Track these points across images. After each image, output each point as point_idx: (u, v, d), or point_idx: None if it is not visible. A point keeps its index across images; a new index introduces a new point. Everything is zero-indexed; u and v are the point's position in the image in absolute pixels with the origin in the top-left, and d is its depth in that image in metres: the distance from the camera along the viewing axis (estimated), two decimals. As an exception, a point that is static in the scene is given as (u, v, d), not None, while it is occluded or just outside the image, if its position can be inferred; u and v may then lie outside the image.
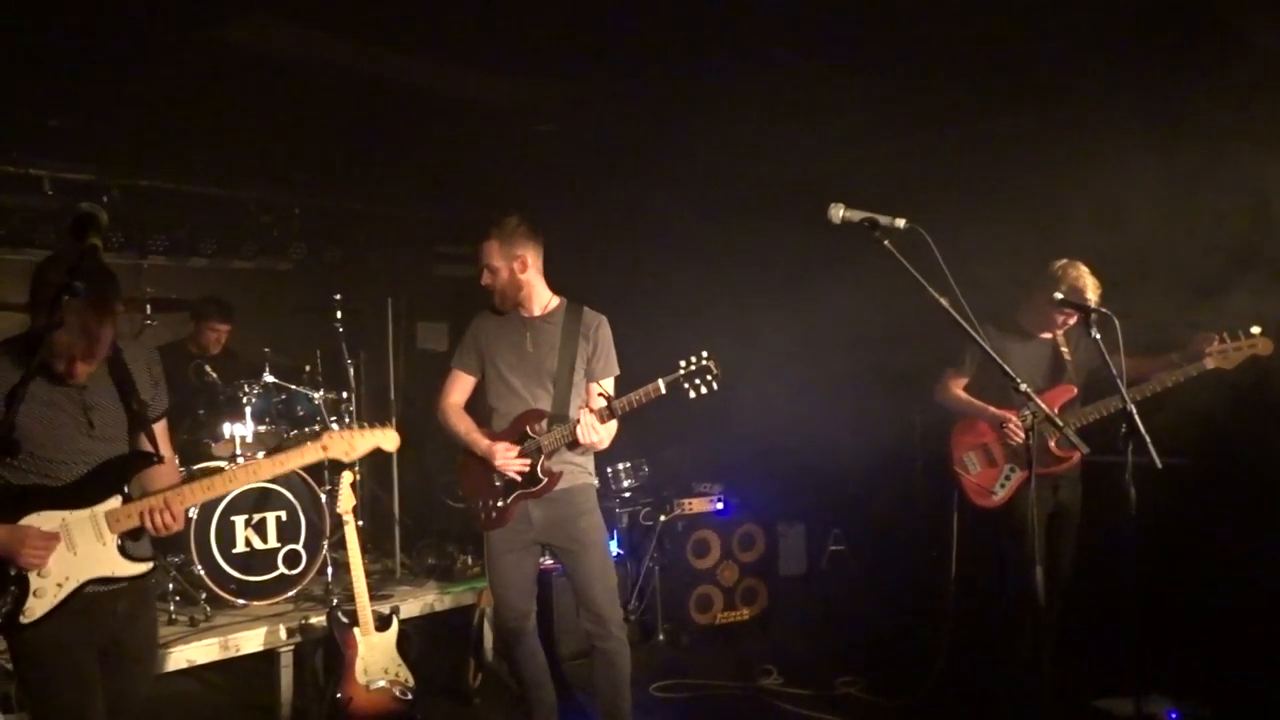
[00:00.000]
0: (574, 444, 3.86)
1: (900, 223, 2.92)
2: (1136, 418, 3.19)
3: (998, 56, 4.81)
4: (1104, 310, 3.57)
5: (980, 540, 4.70)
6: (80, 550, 2.82)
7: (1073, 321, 4.30)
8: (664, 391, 3.75)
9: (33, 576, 2.76)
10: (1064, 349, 4.39)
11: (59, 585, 2.79)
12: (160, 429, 3.10)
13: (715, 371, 3.74)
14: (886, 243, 2.92)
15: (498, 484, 3.98)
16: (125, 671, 3.01)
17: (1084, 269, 4.16)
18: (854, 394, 5.91)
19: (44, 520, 2.78)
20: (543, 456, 3.91)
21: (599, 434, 3.79)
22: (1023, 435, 4.27)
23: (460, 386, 4.15)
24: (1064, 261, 4.21)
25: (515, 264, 3.97)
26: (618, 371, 4.06)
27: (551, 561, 5.02)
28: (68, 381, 2.79)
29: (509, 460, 3.91)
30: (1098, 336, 3.41)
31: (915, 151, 5.96)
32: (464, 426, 4.08)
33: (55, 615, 2.78)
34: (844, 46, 4.75)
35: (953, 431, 4.55)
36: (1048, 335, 4.40)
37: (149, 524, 2.89)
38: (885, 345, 5.61)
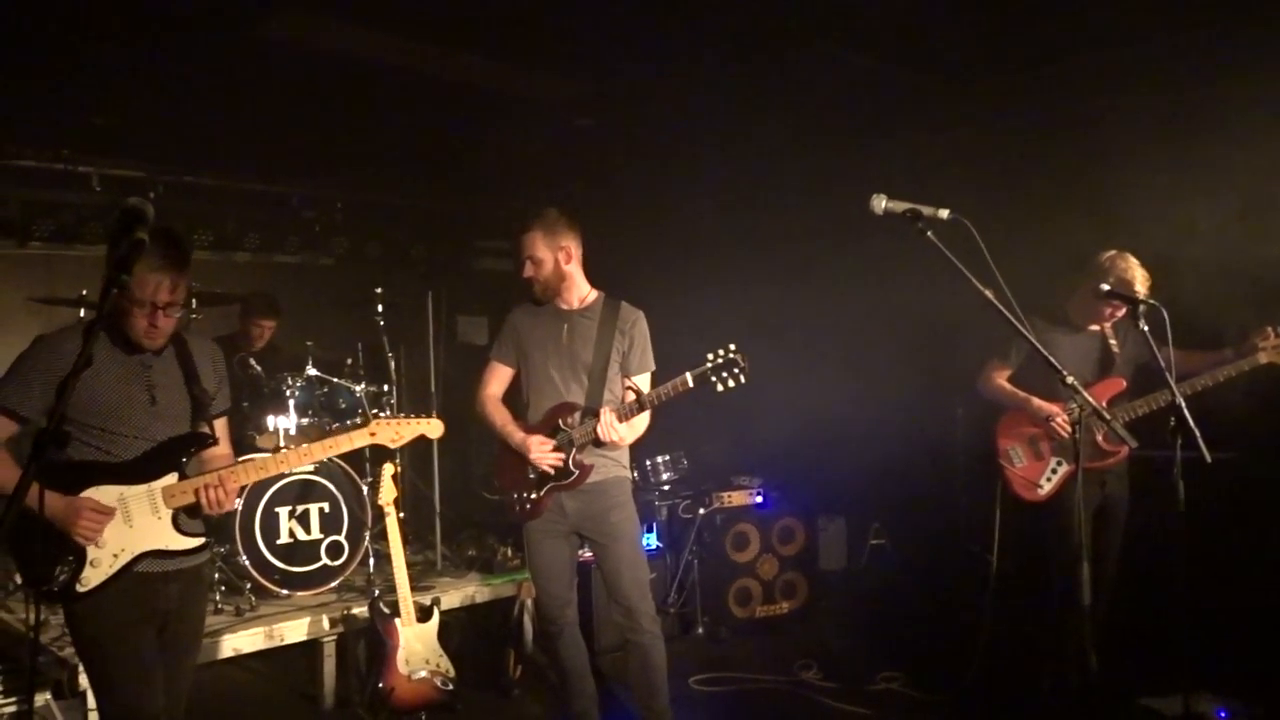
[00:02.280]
0: (598, 441, 3.86)
1: (944, 213, 2.89)
2: (1186, 411, 3.13)
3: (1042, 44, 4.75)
4: (1153, 302, 3.51)
5: (1023, 535, 4.65)
6: (136, 523, 2.93)
7: (1121, 314, 4.23)
8: (691, 385, 3.73)
9: (90, 547, 2.85)
10: (1112, 341, 4.33)
11: (115, 556, 2.89)
12: (221, 425, 3.22)
13: (743, 364, 3.70)
14: (930, 234, 2.89)
15: (531, 476, 3.99)
16: (169, 660, 3.05)
17: (1132, 260, 4.09)
18: (896, 386, 5.86)
19: (102, 494, 2.88)
20: (574, 449, 3.92)
21: (618, 433, 3.80)
22: (1070, 429, 4.22)
23: (498, 378, 4.16)
24: (1112, 253, 4.14)
25: (560, 254, 3.96)
26: (654, 367, 4.04)
27: (589, 554, 5.02)
28: (139, 351, 2.94)
29: (543, 453, 3.91)
30: (1146, 329, 3.36)
31: (958, 143, 5.90)
32: (500, 418, 4.08)
33: (110, 589, 2.87)
34: (886, 37, 4.70)
35: (998, 424, 4.49)
36: (1095, 328, 4.33)
37: (203, 500, 2.97)
38: (929, 337, 5.56)
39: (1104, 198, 4.98)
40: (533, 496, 4.00)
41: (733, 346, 3.73)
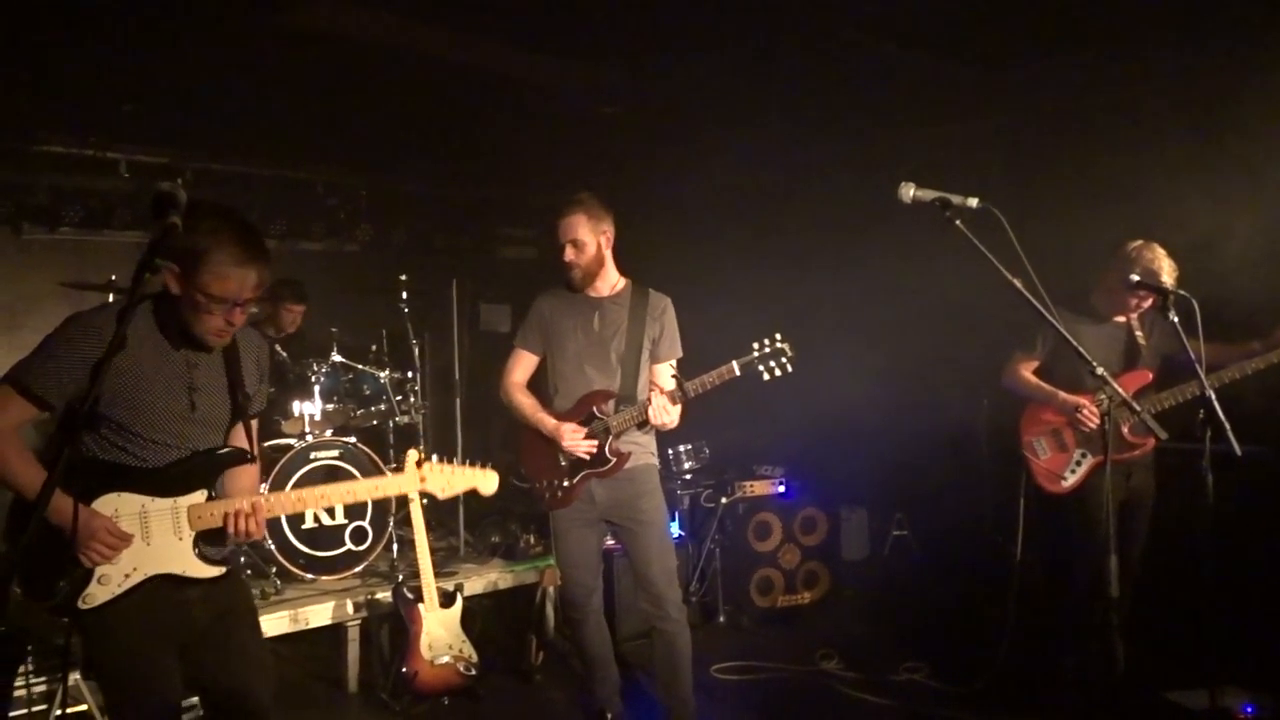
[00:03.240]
0: (643, 424, 3.90)
1: (973, 202, 2.87)
2: (1215, 403, 3.10)
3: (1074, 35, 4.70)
4: (1183, 293, 3.47)
5: (1048, 527, 4.62)
6: (155, 542, 2.67)
7: (1147, 305, 4.20)
8: (738, 373, 3.77)
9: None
10: (1138, 333, 4.29)
11: (126, 575, 2.64)
12: (253, 427, 2.95)
13: (790, 354, 3.77)
14: (958, 223, 2.87)
15: (563, 463, 3.99)
16: (233, 649, 2.84)
17: (1159, 250, 4.05)
18: (920, 376, 5.84)
19: (124, 503, 2.64)
20: (610, 437, 3.92)
21: (670, 415, 3.81)
22: (1097, 421, 4.19)
23: (523, 365, 4.15)
24: (1139, 243, 4.10)
25: (602, 239, 3.97)
26: (681, 354, 4.07)
27: (614, 541, 5.02)
28: (187, 346, 2.71)
29: (577, 441, 3.91)
30: (1176, 320, 3.33)
31: (985, 131, 5.86)
32: (529, 406, 4.07)
33: (119, 607, 2.62)
34: (914, 25, 4.67)
35: (1022, 415, 4.46)
36: (1121, 319, 4.30)
37: (231, 527, 2.72)
38: (954, 327, 5.53)
39: (1132, 187, 4.93)
40: (564, 484, 4.00)
41: (778, 336, 3.78)
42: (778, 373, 3.77)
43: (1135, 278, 3.87)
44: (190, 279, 2.56)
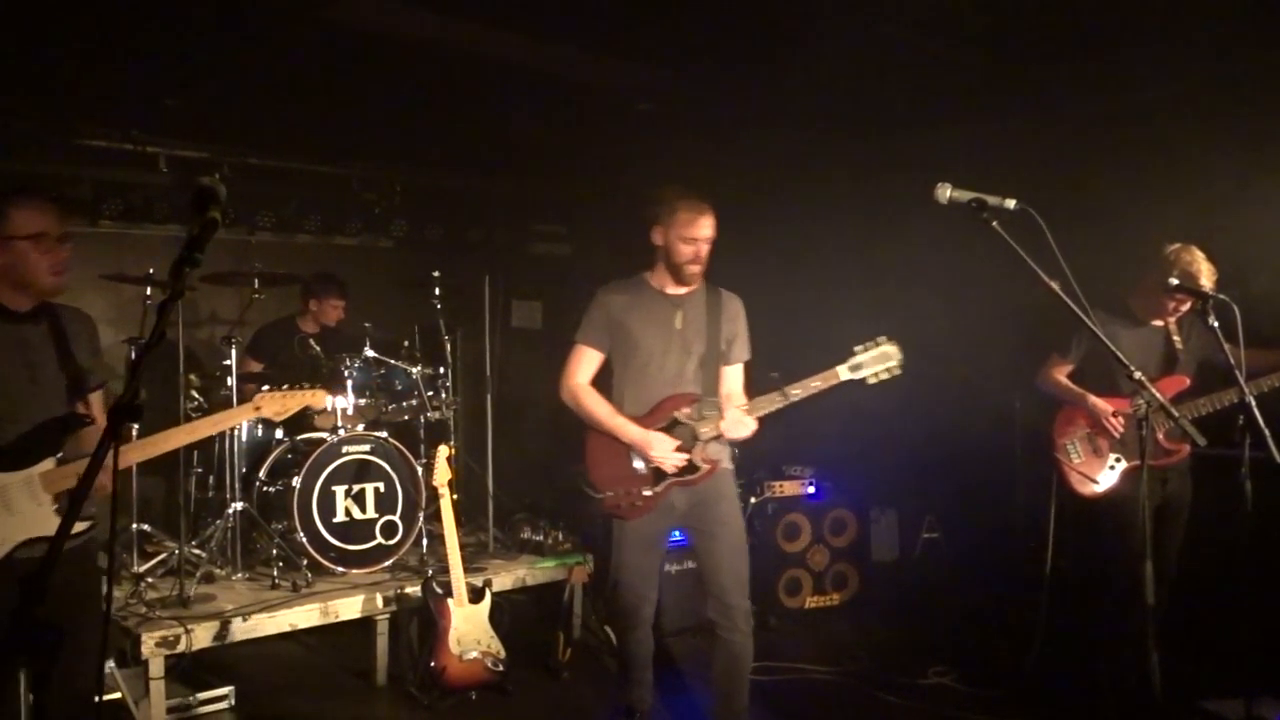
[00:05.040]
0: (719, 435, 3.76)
1: (1010, 204, 2.85)
2: (1255, 410, 3.06)
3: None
4: (1223, 297, 3.42)
5: (1081, 531, 4.58)
6: (16, 510, 2.83)
7: (1185, 308, 4.14)
8: (841, 379, 3.66)
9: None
10: (1175, 337, 4.23)
11: None
12: (96, 399, 3.11)
13: (897, 358, 3.68)
14: (995, 224, 2.85)
15: (641, 471, 3.77)
16: (65, 653, 2.90)
17: (1198, 253, 3.99)
18: (952, 377, 5.79)
19: None
20: (699, 444, 3.73)
21: (748, 427, 3.69)
22: (1122, 430, 4.15)
23: (589, 364, 3.89)
24: (1177, 245, 4.04)
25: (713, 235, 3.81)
26: (749, 357, 3.96)
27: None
28: (18, 320, 2.87)
29: (669, 454, 3.71)
30: (1215, 324, 3.28)
31: (1022, 131, 5.80)
32: (604, 410, 3.80)
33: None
34: (959, 24, 4.64)
35: (1056, 417, 4.42)
36: (1159, 323, 4.24)
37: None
38: (986, 327, 5.49)
39: (1173, 189, 4.87)
40: (644, 493, 3.76)
41: (883, 338, 3.68)
42: (884, 376, 3.67)
43: (1174, 281, 3.82)
44: (5, 236, 2.81)
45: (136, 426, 3.32)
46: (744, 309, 3.95)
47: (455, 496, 5.08)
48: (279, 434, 5.75)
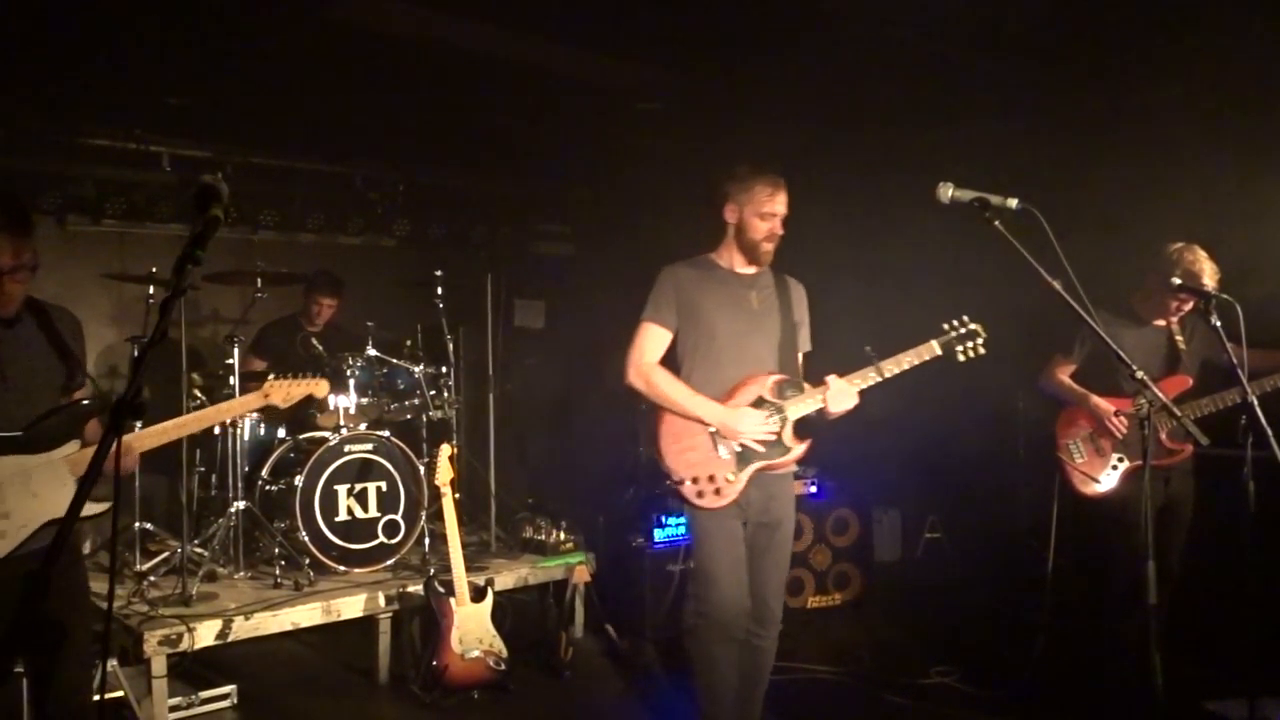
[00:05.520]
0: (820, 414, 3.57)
1: (1012, 203, 2.84)
2: (1258, 409, 3.05)
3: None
4: (1226, 297, 3.42)
5: (1084, 531, 4.57)
6: (40, 494, 2.89)
7: (1188, 308, 4.13)
8: (939, 353, 3.54)
9: None
10: (1178, 337, 4.23)
11: (22, 527, 2.85)
12: (82, 395, 3.15)
13: (983, 335, 3.59)
14: (997, 224, 2.84)
15: (725, 456, 3.54)
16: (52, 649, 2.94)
17: (1201, 253, 3.99)
18: (954, 377, 5.77)
19: (3, 466, 2.84)
20: (788, 425, 3.56)
21: (854, 399, 3.52)
22: (1125, 430, 4.14)
23: (659, 343, 3.65)
24: (1180, 245, 4.04)
25: None
26: (810, 348, 3.88)
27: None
28: None
29: (756, 427, 3.50)
30: (1219, 324, 3.28)
31: (1028, 132, 5.80)
32: (682, 390, 3.56)
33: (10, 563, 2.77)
34: (953, 23, 4.63)
35: (1058, 417, 4.42)
36: (1161, 322, 4.24)
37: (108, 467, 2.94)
38: (990, 327, 5.47)
39: (1176, 188, 4.87)
40: (729, 478, 3.52)
41: (966, 317, 3.60)
42: (972, 354, 3.57)
43: (1176, 280, 3.82)
44: None
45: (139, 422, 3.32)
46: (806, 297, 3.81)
47: (457, 495, 5.08)
48: (281, 433, 5.76)
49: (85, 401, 3.06)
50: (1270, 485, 3.12)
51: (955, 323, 3.58)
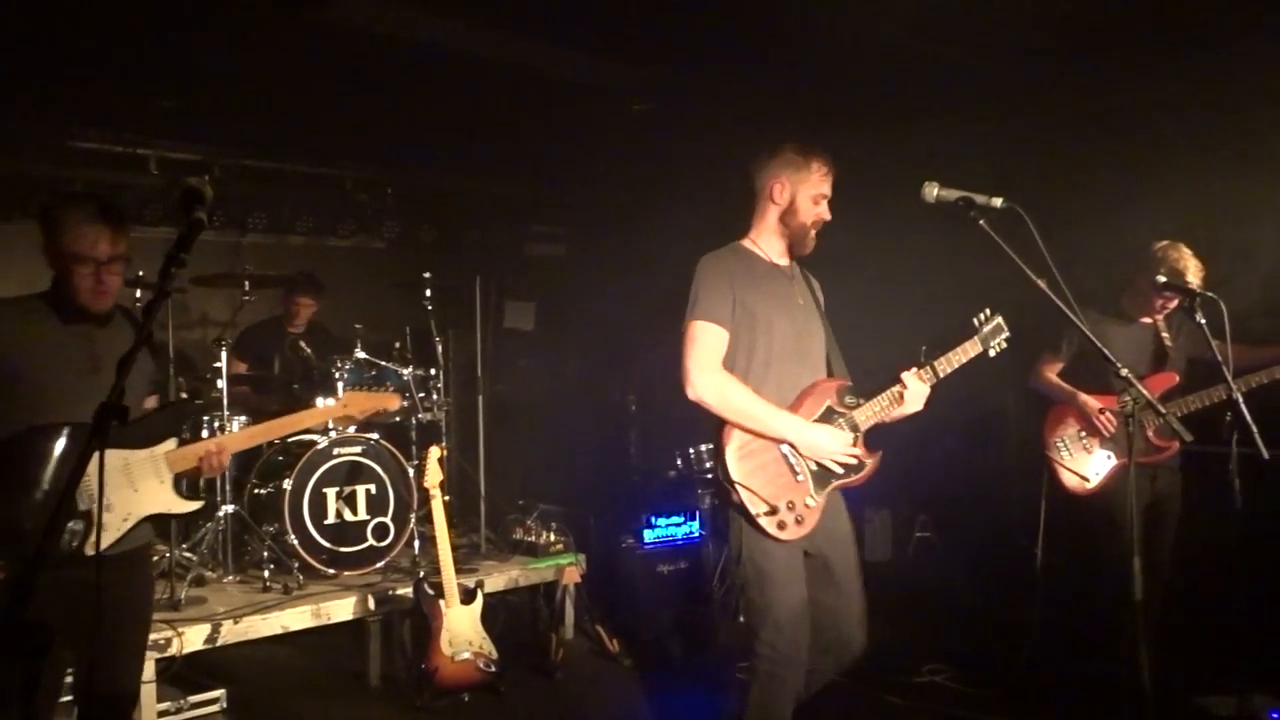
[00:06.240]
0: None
1: (997, 202, 2.86)
2: (1243, 406, 3.07)
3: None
4: (1210, 295, 3.44)
5: (1074, 529, 4.58)
6: (140, 487, 2.97)
7: (1173, 306, 4.15)
8: (980, 349, 3.28)
9: (97, 510, 2.74)
10: (1165, 335, 4.25)
11: (124, 520, 2.93)
12: (151, 403, 3.23)
13: (1006, 331, 3.37)
14: (982, 222, 2.85)
15: (801, 477, 3.13)
16: (107, 641, 2.89)
17: (1185, 250, 4.01)
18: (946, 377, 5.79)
19: (108, 458, 2.80)
20: (859, 437, 3.22)
21: (925, 397, 3.24)
22: (1115, 426, 4.16)
23: (719, 346, 3.11)
24: (1165, 243, 4.07)
25: None
26: None
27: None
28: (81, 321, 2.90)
29: (844, 445, 3.15)
30: (1203, 321, 3.29)
31: (1014, 131, 5.82)
32: (761, 405, 3.08)
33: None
34: (947, 24, 4.64)
35: (1047, 415, 4.44)
36: (1148, 320, 4.26)
37: (205, 465, 3.08)
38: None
39: (1163, 186, 4.89)
40: (809, 503, 3.12)
41: (989, 310, 3.35)
42: (1000, 347, 3.30)
43: (1161, 278, 3.84)
44: (54, 246, 2.82)
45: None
46: None
47: (447, 498, 5.07)
48: (270, 436, 5.75)
49: (198, 402, 3.22)
50: (1256, 481, 3.14)
51: (983, 316, 3.32)
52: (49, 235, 2.84)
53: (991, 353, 3.29)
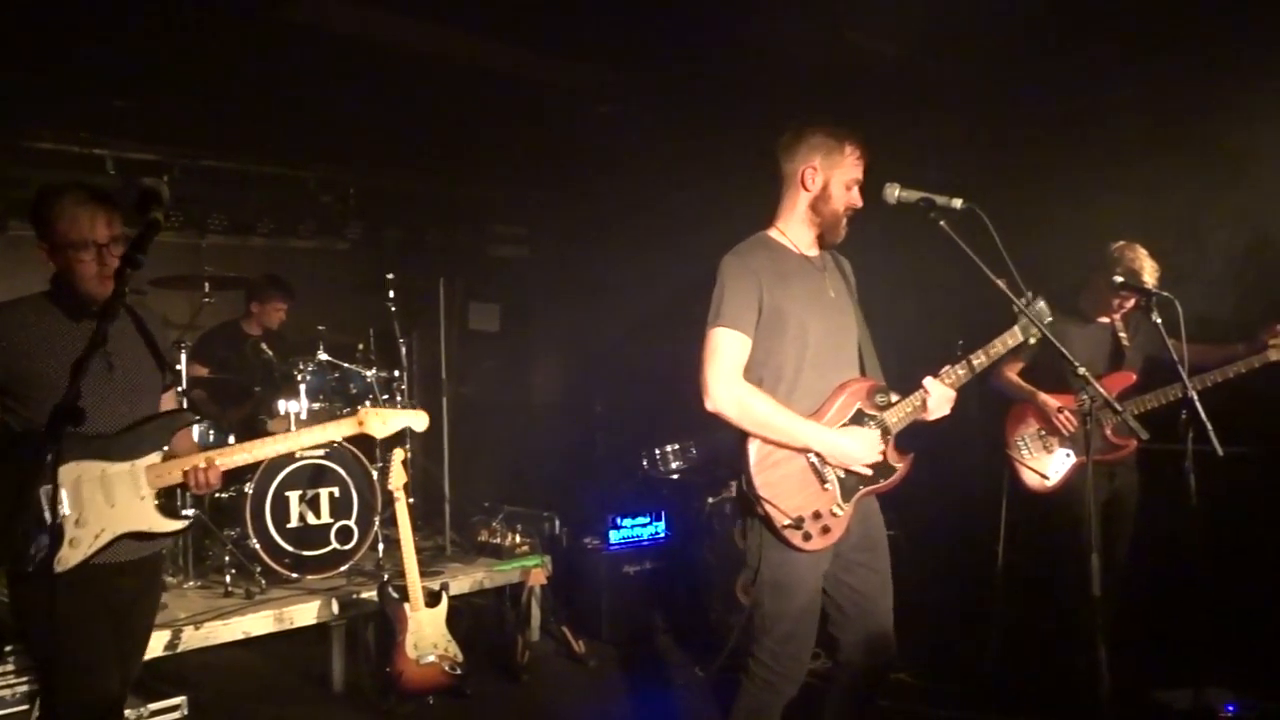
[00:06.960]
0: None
1: (957, 203, 2.89)
2: (1198, 404, 3.12)
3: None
4: (1166, 294, 3.49)
5: (1033, 527, 4.64)
6: (118, 503, 2.80)
7: (1130, 305, 4.22)
8: (1022, 338, 3.10)
9: (69, 525, 2.69)
10: (1122, 334, 4.32)
11: (96, 536, 2.75)
12: (169, 398, 3.14)
13: (1050, 316, 3.14)
14: (943, 223, 2.88)
15: (829, 486, 3.00)
16: (122, 654, 2.92)
17: (1141, 251, 4.08)
18: (907, 375, 5.83)
19: (85, 470, 2.75)
20: (891, 440, 3.07)
21: (952, 400, 3.11)
22: (1074, 424, 4.22)
23: (741, 355, 2.95)
24: (1121, 243, 4.14)
25: None
26: None
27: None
28: (83, 320, 2.83)
29: (874, 451, 3.01)
30: (1159, 321, 3.34)
31: (971, 132, 5.87)
32: (785, 415, 2.93)
33: (63, 579, 2.67)
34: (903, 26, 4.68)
35: (1008, 414, 4.49)
36: (1106, 319, 4.32)
37: (192, 481, 2.89)
38: (940, 326, 5.54)
39: (1120, 187, 4.96)
40: (837, 512, 2.99)
41: (1030, 294, 3.10)
42: (1037, 333, 3.07)
43: (1118, 278, 3.89)
44: (51, 238, 2.77)
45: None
46: None
47: (411, 500, 5.04)
48: (230, 440, 5.68)
49: (196, 417, 3.03)
50: (1211, 478, 3.19)
51: (1024, 299, 3.04)
52: (44, 228, 2.78)
53: (1030, 341, 3.11)
